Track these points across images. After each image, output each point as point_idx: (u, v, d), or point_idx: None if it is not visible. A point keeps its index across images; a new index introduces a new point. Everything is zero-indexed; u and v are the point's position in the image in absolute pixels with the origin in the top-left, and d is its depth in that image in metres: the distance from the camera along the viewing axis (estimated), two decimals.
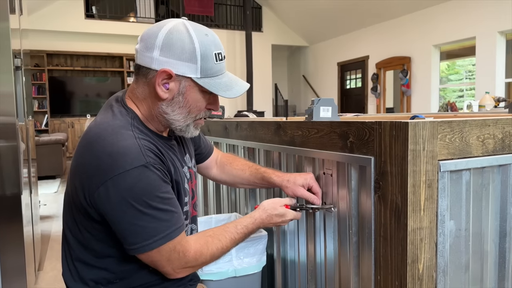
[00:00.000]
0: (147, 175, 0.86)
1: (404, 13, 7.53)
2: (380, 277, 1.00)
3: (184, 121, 0.97)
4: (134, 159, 0.85)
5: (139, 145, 0.88)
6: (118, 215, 0.86)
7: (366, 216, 1.04)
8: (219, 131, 2.08)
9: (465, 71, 8.17)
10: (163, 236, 0.88)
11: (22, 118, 2.28)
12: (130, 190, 0.84)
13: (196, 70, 0.90)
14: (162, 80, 0.91)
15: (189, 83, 0.92)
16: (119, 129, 0.90)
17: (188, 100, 0.94)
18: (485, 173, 1.04)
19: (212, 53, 0.91)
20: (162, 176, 0.90)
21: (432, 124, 0.93)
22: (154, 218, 0.87)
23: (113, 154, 0.84)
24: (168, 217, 0.89)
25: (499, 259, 1.09)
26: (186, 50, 0.89)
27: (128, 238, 0.88)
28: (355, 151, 1.06)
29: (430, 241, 0.94)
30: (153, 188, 0.87)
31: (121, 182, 0.83)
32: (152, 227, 0.87)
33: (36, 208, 2.90)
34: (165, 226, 0.88)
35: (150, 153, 0.89)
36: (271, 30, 10.30)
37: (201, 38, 0.90)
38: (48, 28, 8.19)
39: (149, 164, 0.87)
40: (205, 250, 0.97)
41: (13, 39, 2.07)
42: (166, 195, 0.90)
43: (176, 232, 0.90)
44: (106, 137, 0.87)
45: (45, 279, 2.65)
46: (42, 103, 8.89)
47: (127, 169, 0.83)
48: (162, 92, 0.92)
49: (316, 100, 1.33)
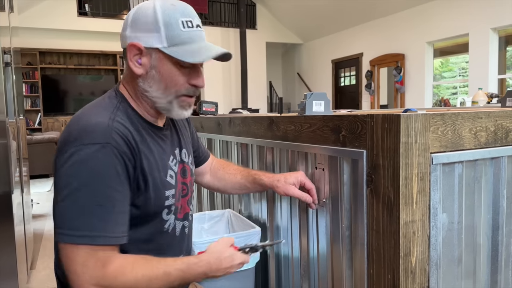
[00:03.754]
0: (100, 155, 0.81)
1: (398, 10, 7.54)
2: (373, 271, 1.00)
3: (165, 97, 0.93)
4: (96, 136, 0.82)
5: (108, 125, 0.85)
6: (59, 188, 0.81)
7: (359, 210, 1.04)
8: (212, 127, 2.07)
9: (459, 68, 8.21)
10: (85, 235, 0.80)
11: (12, 116, 2.25)
12: (79, 165, 0.80)
13: (161, 39, 0.88)
14: (134, 56, 0.91)
15: (159, 55, 0.90)
16: (100, 109, 0.89)
17: (162, 74, 0.91)
18: (477, 166, 1.04)
19: (178, 20, 0.89)
20: (118, 163, 0.84)
21: (424, 116, 0.92)
22: (87, 210, 0.80)
23: (81, 129, 0.83)
24: (103, 218, 0.81)
25: (491, 252, 1.09)
26: (150, 21, 0.89)
27: (57, 218, 0.82)
28: (347, 145, 1.05)
29: (423, 234, 0.94)
30: (100, 172, 0.81)
31: (75, 155, 0.81)
32: (79, 217, 0.80)
33: (28, 207, 2.88)
34: (95, 227, 0.80)
35: (117, 136, 0.84)
36: (265, 28, 10.28)
37: (164, 7, 0.90)
38: (40, 26, 8.12)
39: (109, 145, 0.82)
40: (129, 271, 0.84)
41: (3, 37, 2.04)
42: (112, 192, 0.83)
43: (104, 240, 0.81)
44: (84, 115, 0.87)
45: (38, 278, 2.63)
46: (35, 102, 8.82)
47: (85, 143, 0.81)
48: (135, 67, 0.91)
49: (308, 94, 1.32)
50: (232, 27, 9.84)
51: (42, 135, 6.39)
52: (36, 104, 8.81)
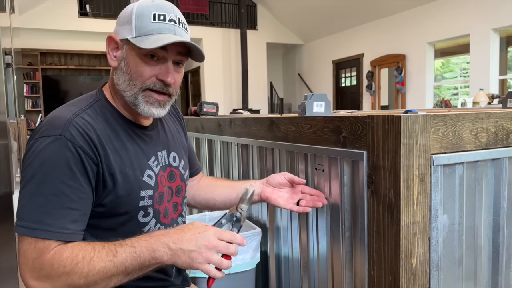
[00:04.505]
0: (52, 148, 0.80)
1: (399, 10, 7.54)
2: (373, 272, 0.99)
3: (130, 90, 0.90)
4: (52, 129, 0.82)
5: (68, 119, 0.84)
6: (21, 179, 0.82)
7: (359, 211, 1.03)
8: (213, 128, 2.07)
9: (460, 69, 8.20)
10: (30, 227, 0.78)
11: (13, 116, 2.26)
12: (33, 157, 0.81)
13: (131, 30, 0.89)
14: (111, 50, 0.93)
15: (128, 46, 0.90)
16: (69, 106, 0.90)
17: (129, 65, 0.90)
18: (478, 167, 1.03)
19: (150, 13, 0.88)
20: (72, 163, 0.81)
21: (425, 117, 0.92)
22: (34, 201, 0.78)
23: (45, 121, 0.85)
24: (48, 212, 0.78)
25: (492, 253, 1.08)
26: (127, 15, 0.91)
27: (17, 209, 0.82)
28: (348, 146, 1.05)
29: (423, 236, 0.94)
30: (51, 165, 0.80)
31: (33, 147, 0.82)
32: (28, 209, 0.79)
33: None
34: (40, 219, 0.78)
35: (75, 131, 0.83)
36: (266, 28, 10.28)
37: (143, 3, 0.90)
38: (41, 27, 8.12)
39: (62, 138, 0.81)
40: (67, 256, 0.78)
41: (4, 38, 2.04)
42: (62, 186, 0.80)
43: (46, 234, 0.78)
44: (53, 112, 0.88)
45: None
46: (36, 102, 8.83)
47: (42, 136, 0.82)
48: (111, 60, 0.92)
49: (309, 95, 1.32)
50: (233, 27, 9.84)
51: None
52: (37, 104, 8.82)
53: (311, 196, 1.15)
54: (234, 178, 1.88)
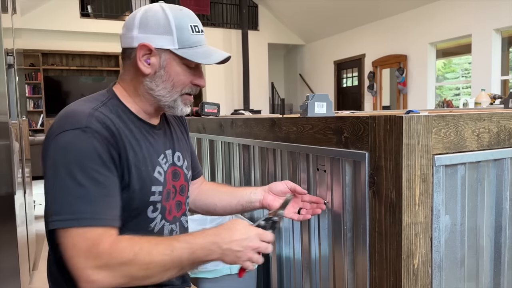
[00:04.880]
0: (80, 139, 0.83)
1: (400, 11, 7.53)
2: (375, 273, 0.99)
3: (170, 96, 0.97)
4: (76, 122, 0.85)
5: (89, 113, 0.87)
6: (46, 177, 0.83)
7: (361, 211, 1.03)
8: (214, 128, 2.07)
9: (461, 69, 8.19)
10: (74, 218, 0.79)
11: (15, 117, 2.26)
12: (61, 151, 0.82)
13: (173, 41, 0.93)
14: (143, 56, 0.93)
15: (169, 56, 0.94)
16: (84, 102, 0.92)
17: (170, 74, 0.95)
18: (480, 168, 1.03)
19: (187, 24, 0.94)
20: (101, 151, 0.84)
21: (427, 118, 0.92)
22: (72, 193, 0.80)
23: (63, 117, 0.87)
24: (89, 200, 0.80)
25: (494, 254, 1.08)
26: (161, 24, 0.93)
27: (47, 207, 0.82)
28: (349, 146, 1.05)
29: (425, 236, 0.94)
30: (83, 156, 0.82)
31: (58, 141, 0.83)
32: (67, 201, 0.80)
33: (30, 208, 2.89)
34: (81, 208, 0.80)
35: (96, 122, 0.86)
36: (268, 29, 10.28)
37: (175, 12, 0.94)
38: (43, 28, 8.14)
39: (88, 129, 0.84)
40: (125, 245, 0.80)
41: (6, 38, 2.05)
42: (96, 174, 0.82)
43: (92, 222, 0.80)
44: (67, 108, 0.90)
45: (40, 279, 2.64)
46: (37, 103, 8.84)
47: (66, 130, 0.84)
48: (144, 67, 0.94)
49: (310, 96, 1.32)
50: (234, 28, 9.84)
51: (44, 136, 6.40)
52: (38, 105, 8.84)
53: (311, 204, 1.17)
54: (235, 178, 1.88)
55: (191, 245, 0.83)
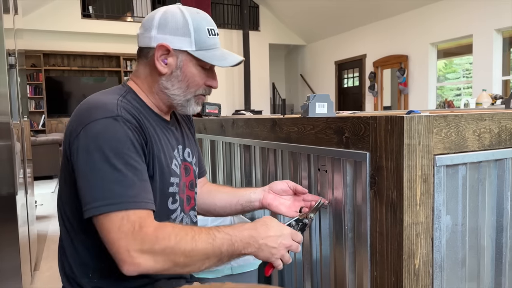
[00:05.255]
0: (114, 126, 0.85)
1: (401, 11, 7.53)
2: (376, 273, 0.99)
3: (184, 95, 1.00)
4: (106, 111, 0.87)
5: (116, 103, 0.90)
6: (80, 167, 0.84)
7: (362, 212, 1.03)
8: (216, 129, 2.07)
9: (462, 70, 8.19)
10: (115, 203, 0.80)
11: (16, 117, 2.27)
12: (95, 139, 0.83)
13: (191, 43, 0.96)
14: (160, 56, 0.96)
15: (186, 57, 0.97)
16: (106, 94, 0.95)
17: (186, 74, 0.98)
18: (481, 168, 1.03)
19: (205, 27, 0.97)
20: (133, 138, 0.87)
21: (428, 118, 0.92)
22: (109, 178, 0.81)
23: (90, 108, 0.88)
24: (126, 183, 0.82)
25: (495, 254, 1.08)
26: (180, 25, 0.95)
27: (84, 196, 0.83)
28: (350, 147, 1.05)
29: (426, 236, 0.94)
30: (118, 142, 0.84)
31: (89, 131, 0.84)
32: (106, 187, 0.81)
33: (32, 208, 2.89)
34: (120, 192, 0.81)
35: (125, 112, 0.89)
36: (269, 29, 10.28)
37: (193, 15, 0.97)
38: (44, 28, 8.16)
39: (119, 117, 0.86)
40: (169, 230, 0.82)
41: (7, 39, 2.05)
42: (132, 161, 0.85)
43: (133, 205, 0.81)
44: (91, 99, 0.92)
45: (41, 279, 2.64)
46: (39, 103, 8.86)
47: (97, 119, 0.85)
48: (161, 66, 0.96)
49: (311, 96, 1.32)
50: (235, 28, 9.85)
51: (46, 137, 6.41)
52: (40, 105, 8.85)
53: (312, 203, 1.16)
54: (236, 179, 1.88)
55: (231, 236, 0.86)
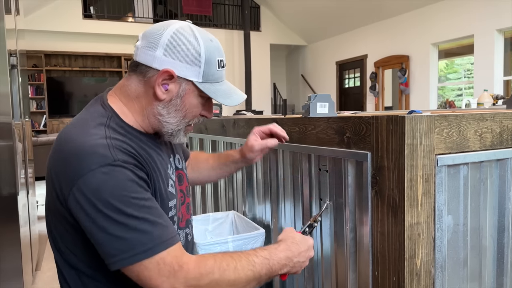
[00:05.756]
0: (114, 175, 0.77)
1: (402, 11, 7.53)
2: (377, 273, 0.99)
3: (177, 125, 0.93)
4: (100, 158, 0.78)
5: (107, 144, 0.80)
6: (89, 224, 0.77)
7: (363, 211, 1.03)
8: (217, 129, 2.07)
9: (464, 70, 8.17)
10: (145, 250, 0.77)
11: (18, 118, 2.27)
12: (97, 193, 0.76)
13: (199, 74, 0.88)
14: (162, 81, 0.87)
15: (190, 87, 0.89)
16: (89, 129, 0.84)
17: (185, 104, 0.91)
18: (483, 168, 1.03)
19: (216, 59, 0.90)
20: (136, 179, 0.80)
21: (429, 118, 0.92)
22: (128, 227, 0.76)
23: (79, 155, 0.79)
24: (148, 228, 0.78)
25: (497, 254, 1.08)
26: (191, 53, 0.87)
27: (104, 249, 0.78)
28: (352, 147, 1.05)
29: (428, 236, 0.94)
30: (123, 190, 0.77)
31: (87, 184, 0.76)
32: (128, 238, 0.76)
33: (33, 208, 2.89)
34: (146, 238, 0.77)
35: (120, 152, 0.81)
36: (270, 30, 10.29)
37: (206, 43, 0.89)
38: (45, 29, 8.17)
39: (117, 162, 0.78)
40: (211, 263, 0.81)
41: (9, 40, 2.06)
42: (143, 202, 0.80)
43: (162, 246, 0.78)
44: (75, 138, 0.82)
45: (43, 279, 2.64)
46: (40, 104, 8.87)
47: (92, 169, 0.76)
48: (161, 92, 0.88)
49: (313, 96, 1.32)
50: (236, 29, 9.86)
51: (47, 137, 6.43)
52: (41, 106, 8.87)
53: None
54: (237, 179, 1.88)
55: (268, 260, 0.88)
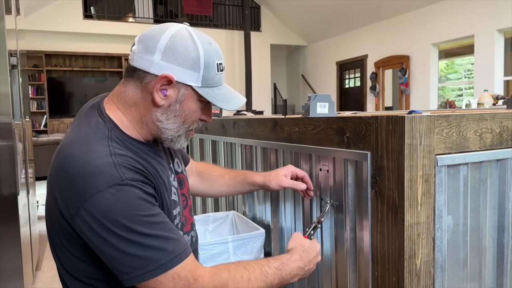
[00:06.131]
0: (123, 194, 0.76)
1: (403, 12, 7.53)
2: (377, 273, 0.99)
3: (177, 131, 0.91)
4: (107, 178, 0.76)
5: (113, 162, 0.79)
6: (101, 243, 0.77)
7: (363, 212, 1.03)
8: (217, 129, 2.08)
9: (464, 70, 8.17)
10: (159, 266, 0.77)
11: (18, 118, 2.27)
12: (107, 214, 0.75)
13: (198, 79, 0.86)
14: (161, 86, 0.85)
15: (189, 92, 0.87)
16: (93, 146, 0.81)
17: (184, 109, 0.89)
18: (483, 168, 1.03)
19: (215, 62, 0.88)
20: (145, 196, 0.80)
21: (429, 118, 0.92)
22: (141, 245, 0.76)
23: (85, 175, 0.77)
24: (160, 244, 0.78)
25: (497, 254, 1.08)
26: (190, 57, 0.85)
27: (118, 267, 0.78)
28: (351, 147, 1.05)
29: (428, 236, 0.94)
30: (133, 209, 0.77)
31: (96, 205, 0.75)
32: (142, 255, 0.77)
33: (33, 208, 2.90)
34: (160, 254, 0.78)
35: (127, 170, 0.79)
36: (270, 30, 10.29)
37: (205, 46, 0.87)
38: (46, 29, 8.18)
39: (125, 181, 0.77)
40: (226, 275, 0.83)
41: (9, 40, 2.06)
42: (153, 218, 0.79)
43: (176, 260, 0.79)
44: (79, 156, 0.80)
45: (43, 279, 2.65)
46: (41, 104, 8.88)
47: (100, 190, 0.75)
48: (159, 98, 0.86)
49: (312, 96, 1.32)
50: (237, 29, 9.86)
51: (47, 137, 6.43)
52: (42, 106, 8.88)
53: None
54: None
55: (280, 271, 0.92)
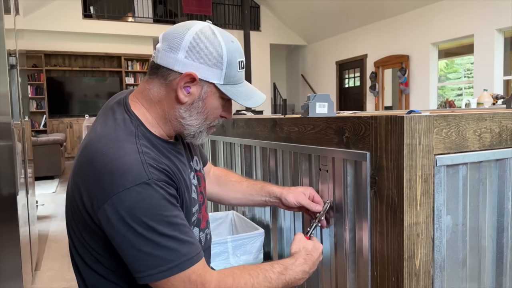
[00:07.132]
0: (149, 194, 0.79)
1: (402, 11, 7.53)
2: (376, 273, 0.99)
3: (199, 127, 0.93)
4: (135, 176, 0.79)
5: (141, 161, 0.81)
6: (120, 239, 0.79)
7: (362, 212, 1.03)
8: (216, 129, 2.07)
9: (464, 70, 8.17)
10: (172, 267, 0.80)
11: (17, 118, 2.27)
12: (130, 211, 0.78)
13: (220, 77, 0.88)
14: (185, 84, 0.87)
15: (211, 89, 0.89)
16: (121, 142, 0.84)
17: (207, 106, 0.91)
18: (482, 168, 1.03)
19: (237, 60, 0.90)
20: (168, 197, 0.82)
21: (428, 118, 0.92)
22: (158, 245, 0.79)
23: (113, 172, 0.79)
24: (176, 245, 0.81)
25: (496, 254, 1.08)
26: (214, 55, 0.87)
27: (133, 264, 0.81)
28: (351, 147, 1.05)
29: (427, 236, 0.93)
30: (156, 209, 0.79)
31: (121, 201, 0.78)
32: (157, 255, 0.79)
33: (33, 208, 2.89)
34: (174, 256, 0.80)
35: (153, 169, 0.82)
36: (269, 29, 10.29)
37: (228, 44, 0.88)
38: (45, 29, 8.18)
39: (151, 181, 0.80)
40: (230, 282, 0.86)
41: (8, 39, 2.06)
42: (174, 219, 0.82)
43: (188, 263, 0.81)
44: (107, 152, 0.82)
45: (42, 279, 2.64)
46: (40, 104, 8.87)
47: (127, 187, 0.78)
48: (183, 95, 0.88)
49: (312, 96, 1.32)
50: (236, 29, 9.86)
51: (47, 137, 6.43)
52: (41, 106, 8.87)
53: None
54: None
55: (284, 276, 0.94)
